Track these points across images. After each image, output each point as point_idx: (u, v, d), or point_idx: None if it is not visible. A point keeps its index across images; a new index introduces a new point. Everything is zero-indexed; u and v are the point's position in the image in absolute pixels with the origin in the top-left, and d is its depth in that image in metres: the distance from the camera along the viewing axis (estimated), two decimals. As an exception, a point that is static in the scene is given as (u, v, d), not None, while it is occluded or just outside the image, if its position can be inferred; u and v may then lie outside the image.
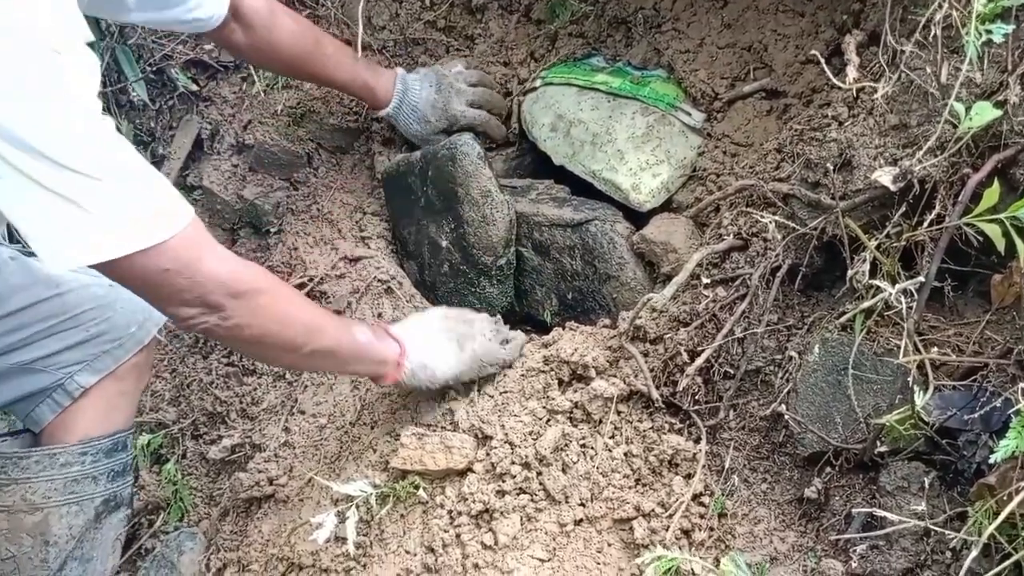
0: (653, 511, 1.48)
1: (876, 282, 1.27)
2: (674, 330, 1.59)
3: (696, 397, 1.55)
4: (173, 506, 2.04)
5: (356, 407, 1.86)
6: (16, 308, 1.55)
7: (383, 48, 2.28)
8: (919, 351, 1.28)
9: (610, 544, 1.50)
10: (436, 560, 1.52)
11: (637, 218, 1.86)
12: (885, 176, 1.29)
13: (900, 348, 1.25)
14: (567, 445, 1.54)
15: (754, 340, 1.52)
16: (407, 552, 1.57)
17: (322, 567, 1.62)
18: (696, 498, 1.49)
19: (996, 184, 1.13)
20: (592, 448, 1.55)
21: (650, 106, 1.91)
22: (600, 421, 1.57)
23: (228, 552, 1.85)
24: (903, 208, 1.32)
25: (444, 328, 1.62)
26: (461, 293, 2.00)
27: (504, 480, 1.54)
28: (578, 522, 1.52)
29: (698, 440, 1.54)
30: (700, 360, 1.52)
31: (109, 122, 1.17)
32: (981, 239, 1.18)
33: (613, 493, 1.51)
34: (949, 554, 1.24)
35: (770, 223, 1.49)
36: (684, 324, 1.58)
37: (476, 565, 1.49)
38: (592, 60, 2.08)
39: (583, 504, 1.52)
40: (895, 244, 1.32)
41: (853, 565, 1.32)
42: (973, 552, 1.07)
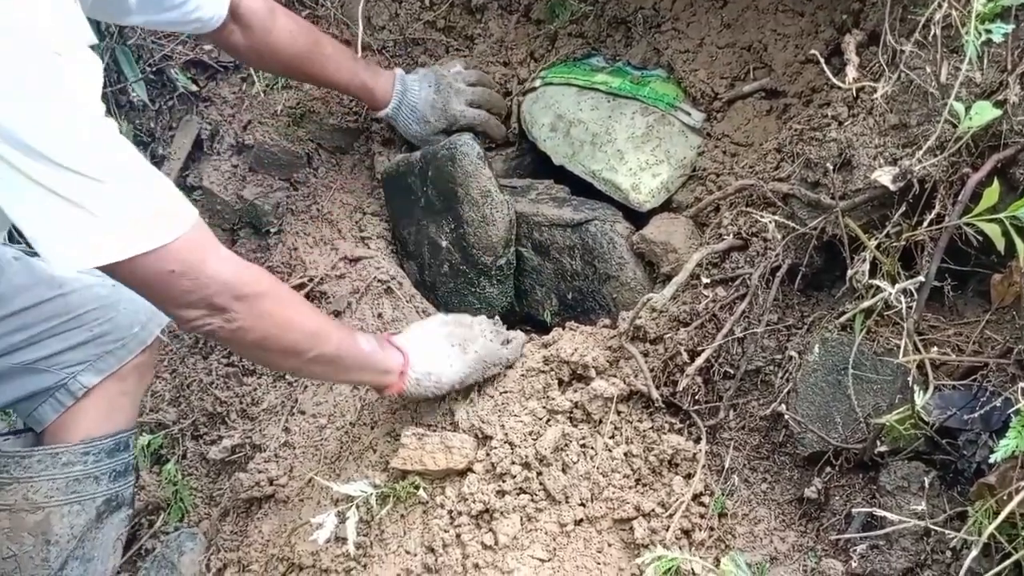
0: (653, 511, 1.48)
1: (876, 282, 1.27)
2: (674, 330, 1.59)
3: (696, 397, 1.55)
4: (173, 506, 2.04)
5: (356, 407, 1.86)
6: (19, 308, 1.56)
7: (383, 48, 2.28)
8: (919, 351, 1.28)
9: (610, 544, 1.50)
10: (436, 560, 1.52)
11: (637, 218, 1.86)
12: (885, 176, 1.29)
13: (900, 348, 1.25)
14: (567, 445, 1.54)
15: (754, 340, 1.52)
16: (407, 552, 1.57)
17: (322, 567, 1.62)
18: (696, 498, 1.49)
19: (996, 184, 1.13)
20: (592, 448, 1.55)
21: (650, 106, 1.91)
22: (600, 421, 1.57)
23: (228, 552, 1.85)
24: (903, 208, 1.32)
25: (444, 334, 1.61)
26: (461, 293, 2.00)
27: (504, 480, 1.54)
28: (578, 522, 1.52)
29: (698, 440, 1.54)
30: (700, 360, 1.52)
31: (112, 124, 1.17)
32: (981, 239, 1.18)
33: (613, 493, 1.51)
34: (949, 554, 1.24)
35: (770, 223, 1.49)
36: (684, 324, 1.58)
37: (476, 565, 1.49)
38: (592, 60, 2.08)
39: (583, 504, 1.52)
40: (895, 244, 1.32)
41: (853, 565, 1.32)
42: (973, 552, 1.07)
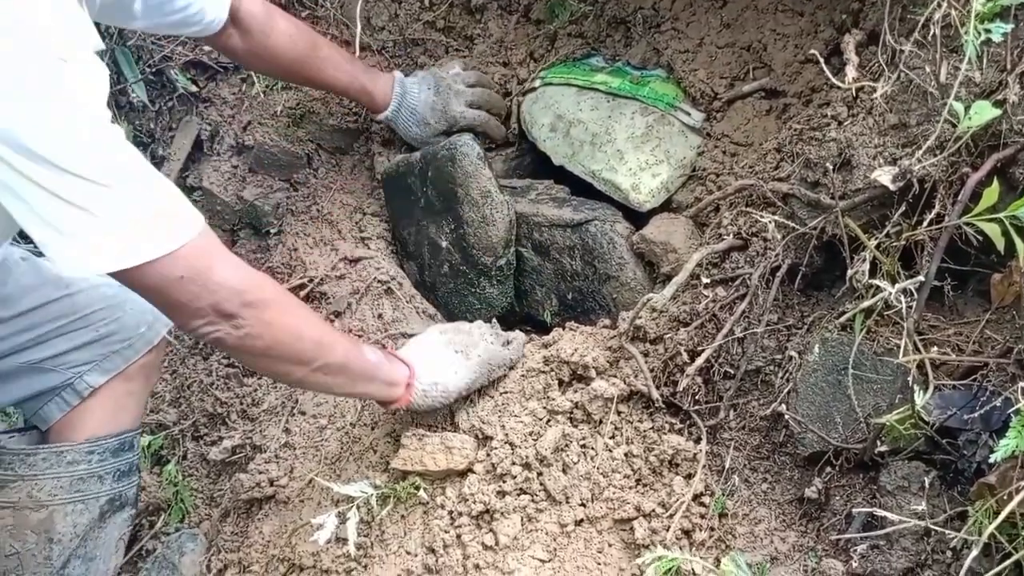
0: (654, 511, 1.48)
1: (876, 281, 1.27)
2: (674, 330, 1.59)
3: (696, 397, 1.55)
4: (174, 507, 2.04)
5: (356, 408, 1.86)
6: (27, 308, 1.57)
7: (382, 49, 2.27)
8: (919, 350, 1.28)
9: (611, 544, 1.50)
10: (437, 561, 1.53)
11: (637, 218, 1.86)
12: (884, 175, 1.29)
13: (900, 347, 1.25)
14: (567, 445, 1.54)
15: (754, 340, 1.52)
16: (408, 553, 1.57)
17: (323, 568, 1.62)
18: (697, 498, 1.49)
19: (995, 183, 1.13)
20: (592, 448, 1.55)
21: (649, 106, 1.91)
22: (600, 421, 1.57)
23: (229, 553, 1.85)
24: (903, 207, 1.32)
25: (445, 342, 1.60)
26: (461, 293, 2.00)
27: (504, 481, 1.54)
28: (579, 522, 1.52)
29: (698, 440, 1.54)
30: (700, 360, 1.52)
31: (118, 130, 1.16)
32: (981, 238, 1.18)
33: (613, 493, 1.51)
34: (949, 554, 1.24)
35: (770, 223, 1.49)
36: (684, 324, 1.58)
37: (477, 566, 1.49)
38: (591, 60, 2.08)
39: (584, 504, 1.52)
40: (895, 243, 1.32)
41: (854, 565, 1.32)
42: (973, 552, 1.07)
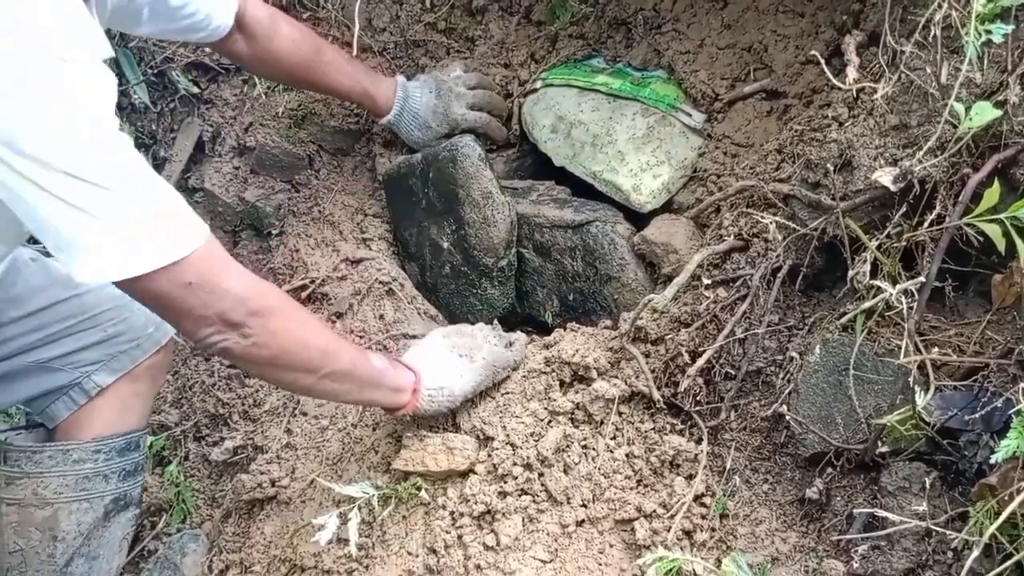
0: (655, 512, 1.48)
1: (877, 282, 1.27)
2: (675, 331, 1.59)
3: (697, 398, 1.55)
4: (176, 508, 2.04)
5: (358, 409, 1.86)
6: (36, 308, 1.58)
7: (383, 50, 2.28)
8: (920, 351, 1.28)
9: (612, 545, 1.50)
10: (438, 561, 1.53)
11: (638, 219, 1.87)
12: (885, 176, 1.29)
13: (901, 348, 1.25)
14: (568, 446, 1.55)
15: (755, 341, 1.52)
16: (409, 553, 1.57)
17: (324, 568, 1.62)
18: (698, 499, 1.49)
19: (996, 184, 1.13)
20: (593, 449, 1.55)
21: (650, 107, 1.91)
22: (601, 422, 1.57)
23: (230, 554, 1.85)
24: (903, 208, 1.32)
25: (449, 346, 1.60)
26: (462, 295, 2.00)
27: (506, 481, 1.54)
28: (580, 523, 1.52)
29: (699, 441, 1.54)
30: (701, 361, 1.52)
31: (126, 138, 1.16)
32: (981, 239, 1.18)
33: (615, 494, 1.51)
34: (950, 554, 1.24)
35: (771, 224, 1.49)
36: (685, 325, 1.58)
37: (478, 566, 1.49)
38: (592, 61, 2.09)
39: (585, 505, 1.52)
40: (896, 244, 1.32)
41: (855, 565, 1.32)
42: (974, 552, 1.07)
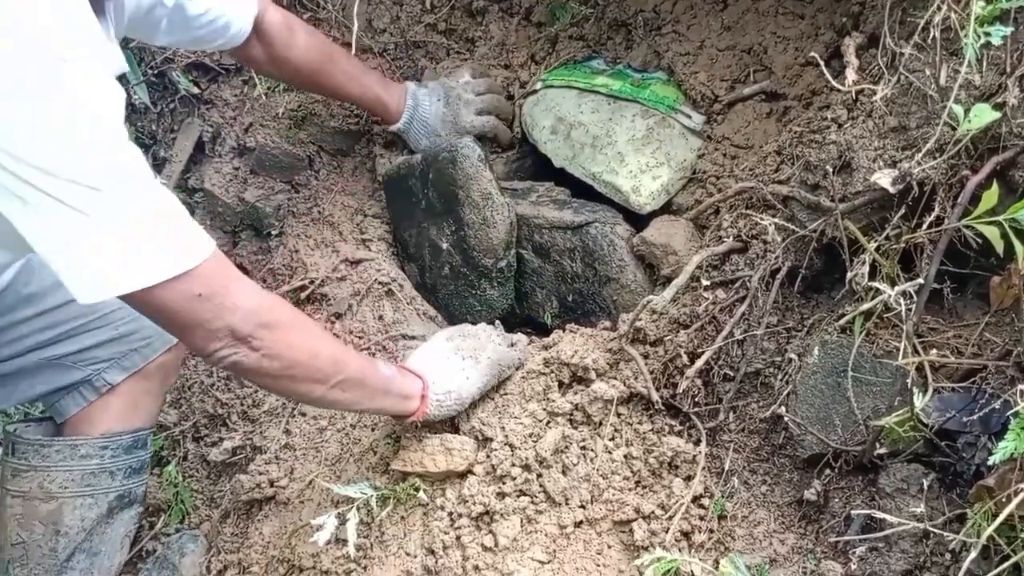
0: (653, 513, 1.48)
1: (875, 284, 1.27)
2: (674, 332, 1.59)
3: (696, 399, 1.55)
4: (174, 508, 2.04)
5: (357, 409, 1.86)
6: (50, 307, 1.58)
7: (383, 51, 2.28)
8: (918, 353, 1.28)
9: (610, 546, 1.50)
10: (436, 562, 1.53)
11: (637, 220, 1.87)
12: (884, 178, 1.29)
13: (899, 350, 1.25)
14: (567, 447, 1.55)
15: (754, 342, 1.52)
16: (407, 554, 1.57)
17: (322, 569, 1.62)
18: (696, 500, 1.49)
19: (995, 186, 1.13)
20: (592, 450, 1.55)
21: (650, 108, 1.91)
22: (600, 423, 1.57)
23: (229, 554, 1.85)
24: (902, 210, 1.32)
25: (453, 349, 1.60)
26: (462, 295, 2.00)
27: (504, 482, 1.54)
28: (578, 524, 1.52)
29: (698, 442, 1.54)
30: (700, 362, 1.52)
31: (135, 150, 1.14)
32: (980, 241, 1.18)
33: (613, 495, 1.51)
34: (948, 556, 1.24)
35: (770, 225, 1.49)
36: (684, 326, 1.58)
37: (476, 567, 1.49)
38: (592, 63, 2.09)
39: (583, 506, 1.52)
40: (894, 246, 1.32)
41: (852, 567, 1.32)
42: (972, 554, 1.07)
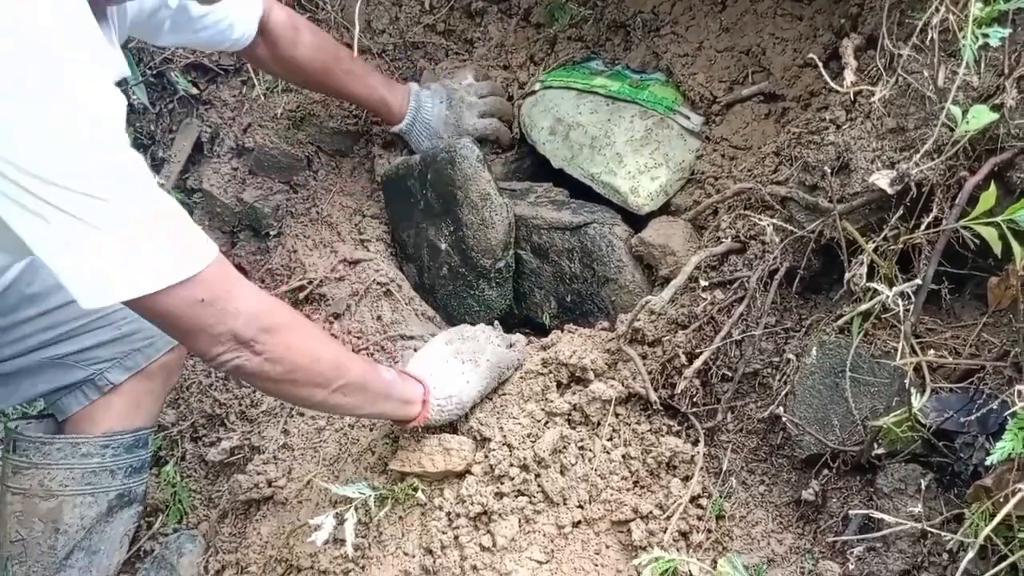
0: (651, 513, 1.48)
1: (873, 285, 1.27)
2: (672, 332, 1.59)
3: (694, 399, 1.56)
4: (172, 508, 2.04)
5: (355, 409, 1.86)
6: (53, 307, 1.59)
7: (382, 52, 2.28)
8: (916, 353, 1.28)
9: (608, 546, 1.50)
10: (434, 562, 1.53)
11: (636, 221, 1.87)
12: (882, 179, 1.30)
13: (897, 350, 1.26)
14: (565, 447, 1.55)
15: (752, 342, 1.52)
16: (405, 554, 1.57)
17: (320, 569, 1.62)
18: (694, 500, 1.49)
19: (993, 187, 1.13)
20: (590, 450, 1.55)
21: (649, 109, 1.91)
22: (598, 423, 1.57)
23: (227, 554, 1.85)
24: (900, 211, 1.32)
25: (453, 352, 1.60)
26: (460, 296, 2.00)
27: (502, 482, 1.54)
28: (576, 524, 1.52)
29: (696, 442, 1.54)
30: (698, 362, 1.52)
31: (136, 153, 1.14)
32: (978, 242, 1.19)
33: (611, 495, 1.52)
34: (946, 556, 1.24)
35: (768, 226, 1.49)
36: (682, 327, 1.58)
37: (474, 567, 1.49)
38: (591, 63, 2.09)
39: (581, 506, 1.52)
40: (892, 247, 1.33)
41: (850, 567, 1.32)
42: (969, 554, 1.07)
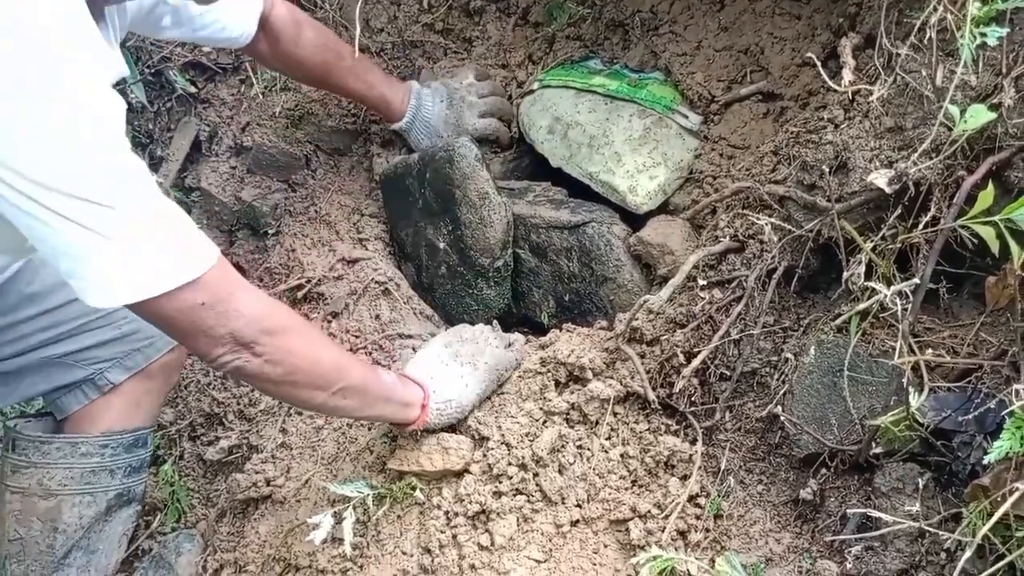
0: (649, 512, 1.48)
1: (871, 284, 1.28)
2: (670, 332, 1.59)
3: (692, 399, 1.56)
4: (170, 507, 2.04)
5: (353, 408, 1.86)
6: (52, 306, 1.59)
7: (381, 51, 2.28)
8: (914, 353, 1.28)
9: (606, 545, 1.50)
10: (432, 561, 1.53)
11: (634, 220, 1.87)
12: (880, 178, 1.30)
13: (895, 350, 1.26)
14: (564, 446, 1.55)
15: (750, 342, 1.52)
16: (403, 553, 1.57)
17: (319, 568, 1.62)
18: (692, 499, 1.49)
19: (991, 186, 1.13)
20: (588, 449, 1.55)
21: (647, 108, 1.91)
22: (597, 422, 1.57)
23: (225, 553, 1.85)
24: (898, 210, 1.32)
25: (452, 355, 1.60)
26: (458, 295, 2.00)
27: (501, 481, 1.54)
28: (574, 523, 1.52)
29: (694, 441, 1.54)
30: (696, 362, 1.52)
31: (139, 161, 1.14)
32: (976, 241, 1.19)
33: (609, 494, 1.52)
34: (943, 555, 1.24)
35: (766, 225, 1.49)
36: (680, 326, 1.58)
37: (472, 566, 1.49)
38: (590, 62, 2.09)
39: (579, 505, 1.52)
40: (890, 246, 1.33)
41: (848, 566, 1.32)
42: (967, 553, 1.07)
